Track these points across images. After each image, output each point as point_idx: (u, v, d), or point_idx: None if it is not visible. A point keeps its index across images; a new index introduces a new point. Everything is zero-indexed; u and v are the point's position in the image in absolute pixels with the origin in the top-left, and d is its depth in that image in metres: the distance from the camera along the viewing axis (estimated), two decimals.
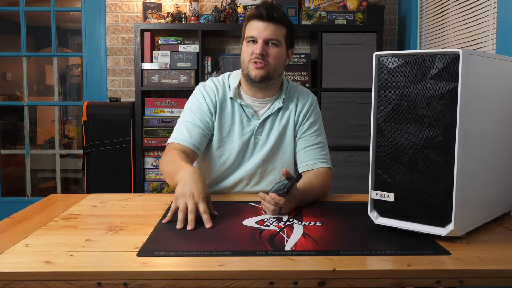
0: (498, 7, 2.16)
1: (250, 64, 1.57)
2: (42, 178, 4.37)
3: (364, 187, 1.28)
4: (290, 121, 1.67)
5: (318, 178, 1.58)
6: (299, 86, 1.75)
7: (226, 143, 1.64)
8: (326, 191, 1.61)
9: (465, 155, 1.06)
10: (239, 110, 1.65)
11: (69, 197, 1.56)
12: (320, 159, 1.65)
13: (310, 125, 1.68)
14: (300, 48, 3.50)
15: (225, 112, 1.64)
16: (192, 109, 1.64)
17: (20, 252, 1.03)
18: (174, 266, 0.97)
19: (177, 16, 3.22)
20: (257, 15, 1.57)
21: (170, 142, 1.60)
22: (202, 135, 1.61)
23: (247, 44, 1.59)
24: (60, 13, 4.46)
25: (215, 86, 1.67)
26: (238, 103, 1.64)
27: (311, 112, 1.69)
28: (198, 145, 1.59)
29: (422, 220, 1.11)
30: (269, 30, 1.55)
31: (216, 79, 1.70)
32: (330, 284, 0.94)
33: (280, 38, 1.58)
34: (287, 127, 1.66)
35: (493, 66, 1.17)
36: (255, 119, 1.65)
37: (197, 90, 1.68)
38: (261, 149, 1.65)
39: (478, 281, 0.96)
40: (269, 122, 1.66)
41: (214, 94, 1.65)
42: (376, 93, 1.16)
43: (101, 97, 3.46)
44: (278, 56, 1.58)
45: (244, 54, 1.60)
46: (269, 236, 1.14)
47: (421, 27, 3.23)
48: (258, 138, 1.65)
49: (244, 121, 1.64)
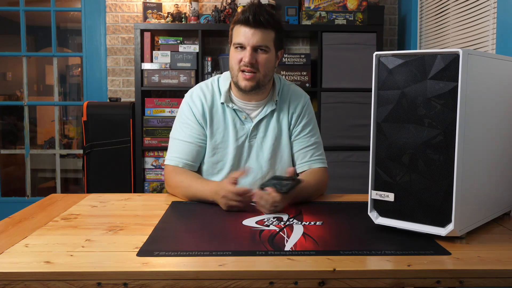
0: (498, 7, 2.16)
1: (240, 74, 1.54)
2: (42, 178, 4.37)
3: (364, 187, 1.28)
4: (284, 123, 1.64)
5: (312, 176, 1.58)
6: (292, 85, 1.71)
7: (220, 149, 1.61)
8: (321, 189, 1.61)
9: (465, 155, 1.06)
10: (231, 114, 1.61)
11: (69, 197, 1.56)
12: (315, 160, 1.65)
13: (304, 126, 1.66)
14: (300, 48, 3.50)
15: (216, 118, 1.61)
16: (182, 125, 1.63)
17: (20, 252, 1.03)
18: (174, 266, 0.97)
19: (177, 16, 3.22)
20: (243, 21, 1.52)
21: (168, 164, 1.61)
22: (196, 151, 1.60)
23: (235, 49, 1.55)
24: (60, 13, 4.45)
25: (203, 93, 1.63)
26: (230, 108, 1.61)
27: (304, 113, 1.67)
28: (193, 163, 1.60)
29: (422, 220, 1.11)
30: (257, 37, 1.51)
31: (204, 85, 1.66)
32: (330, 284, 0.94)
33: (269, 43, 1.54)
34: (282, 130, 1.64)
35: (493, 66, 1.17)
36: (248, 122, 1.62)
37: (184, 102, 1.65)
38: (258, 153, 1.63)
39: (478, 281, 0.96)
40: (263, 125, 1.63)
41: (201, 103, 1.61)
42: (376, 93, 1.16)
43: (101, 97, 3.46)
44: (267, 61, 1.55)
45: (232, 61, 1.56)
46: (269, 236, 1.14)
47: (421, 27, 3.23)
48: (253, 141, 1.62)
49: (238, 125, 1.61)
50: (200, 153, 1.61)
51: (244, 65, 1.52)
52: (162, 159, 3.18)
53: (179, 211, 1.40)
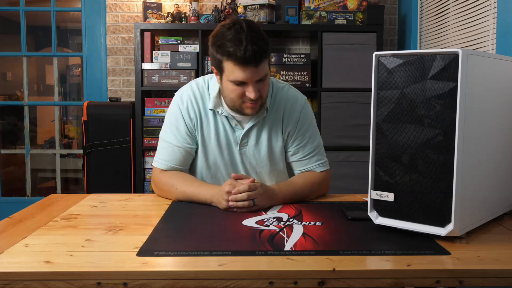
0: (498, 7, 2.16)
1: (243, 104, 1.48)
2: (42, 178, 4.37)
3: (364, 187, 1.28)
4: (278, 131, 1.58)
5: (308, 178, 1.57)
6: (285, 88, 1.62)
7: (213, 154, 1.58)
8: (320, 191, 1.59)
9: (465, 155, 1.06)
10: (221, 120, 1.56)
11: (69, 197, 1.56)
12: (317, 165, 1.61)
13: (303, 133, 1.60)
14: (300, 48, 3.50)
15: (205, 123, 1.57)
16: (171, 128, 1.58)
17: (20, 252, 1.03)
18: (174, 266, 0.97)
19: (177, 16, 3.22)
20: (244, 61, 1.37)
21: (155, 167, 1.59)
22: (184, 156, 1.57)
23: (233, 85, 1.43)
24: (60, 13, 4.46)
25: (193, 95, 1.58)
26: (220, 114, 1.56)
27: (301, 119, 1.59)
28: (181, 167, 1.58)
29: (422, 220, 1.11)
30: (260, 72, 1.42)
31: (195, 85, 1.60)
32: (330, 284, 0.94)
33: (267, 69, 1.46)
34: (275, 137, 1.58)
35: (493, 66, 1.17)
36: (238, 129, 1.56)
37: (174, 103, 1.60)
38: (251, 161, 1.59)
39: (478, 281, 0.96)
40: (254, 133, 1.57)
41: (192, 105, 1.57)
42: (376, 93, 1.16)
43: (101, 97, 3.46)
44: (268, 85, 1.51)
45: (231, 94, 1.46)
46: (269, 236, 1.14)
47: (421, 27, 3.23)
48: (244, 148, 1.57)
49: (228, 131, 1.57)
50: (189, 157, 1.58)
51: (250, 100, 1.45)
52: None
53: (179, 211, 1.40)
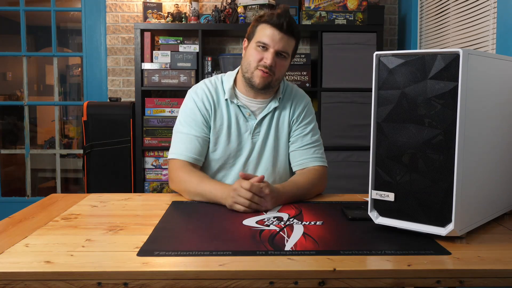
0: (498, 7, 2.16)
1: (256, 71, 1.57)
2: (42, 178, 4.37)
3: (365, 187, 1.28)
4: (285, 122, 1.67)
5: (306, 175, 1.59)
6: (295, 87, 1.76)
7: (222, 145, 1.63)
8: (319, 188, 1.61)
9: (465, 154, 1.06)
10: (235, 110, 1.64)
11: (69, 197, 1.56)
12: (314, 158, 1.65)
13: (305, 125, 1.68)
14: (300, 48, 3.49)
15: (219, 114, 1.63)
16: (187, 119, 1.63)
17: (20, 252, 1.03)
18: (174, 266, 0.97)
19: (177, 16, 3.22)
20: (276, 24, 1.54)
21: (172, 158, 1.60)
22: (201, 146, 1.61)
23: (256, 48, 1.57)
24: (60, 13, 4.45)
25: (207, 88, 1.65)
26: (234, 104, 1.63)
27: (306, 113, 1.70)
28: (198, 157, 1.60)
29: (422, 220, 1.11)
30: (283, 42, 1.55)
31: (208, 81, 1.68)
32: (330, 284, 0.94)
33: (290, 50, 1.59)
34: (282, 128, 1.67)
35: (493, 66, 1.17)
36: (252, 119, 1.64)
37: (189, 96, 1.66)
38: (260, 150, 1.65)
39: (478, 281, 0.96)
40: (266, 122, 1.66)
41: (206, 97, 1.63)
42: (376, 93, 1.16)
43: (101, 97, 3.46)
44: (284, 68, 1.61)
45: (251, 57, 1.58)
46: (269, 236, 1.14)
47: (421, 27, 3.23)
48: (256, 138, 1.65)
49: (241, 121, 1.64)
50: (206, 147, 1.63)
51: (264, 66, 1.56)
52: (162, 159, 3.18)
53: (179, 211, 1.40)
